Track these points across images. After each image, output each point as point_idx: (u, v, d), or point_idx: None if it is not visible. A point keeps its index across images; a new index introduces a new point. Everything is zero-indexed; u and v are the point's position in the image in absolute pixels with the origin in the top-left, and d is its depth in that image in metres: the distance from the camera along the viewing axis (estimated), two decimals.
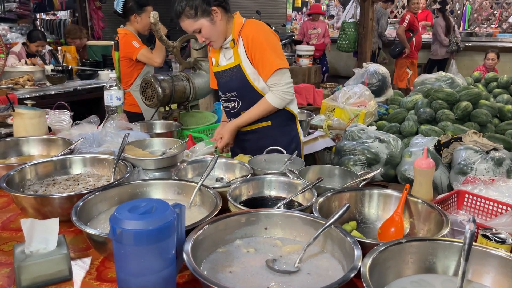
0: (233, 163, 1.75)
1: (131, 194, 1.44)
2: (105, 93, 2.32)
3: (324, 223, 1.11)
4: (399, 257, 1.04)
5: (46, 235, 1.07)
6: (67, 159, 1.74)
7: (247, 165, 1.70)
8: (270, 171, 1.64)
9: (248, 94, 2.17)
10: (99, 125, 2.27)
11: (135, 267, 0.92)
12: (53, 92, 4.12)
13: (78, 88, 4.35)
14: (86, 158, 1.75)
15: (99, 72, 4.80)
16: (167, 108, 2.98)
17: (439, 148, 3.20)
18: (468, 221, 0.98)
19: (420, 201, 1.35)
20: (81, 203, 1.29)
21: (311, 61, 6.80)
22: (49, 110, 2.46)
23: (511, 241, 1.13)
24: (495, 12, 11.24)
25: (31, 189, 1.57)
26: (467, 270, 0.97)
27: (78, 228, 1.16)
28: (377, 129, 3.67)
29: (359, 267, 0.95)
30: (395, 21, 10.06)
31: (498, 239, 1.13)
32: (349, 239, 1.06)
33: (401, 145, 3.45)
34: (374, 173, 1.59)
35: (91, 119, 2.34)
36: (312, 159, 3.58)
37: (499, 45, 7.93)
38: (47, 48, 5.40)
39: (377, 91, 4.86)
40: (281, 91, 2.11)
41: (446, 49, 7.65)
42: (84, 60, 5.38)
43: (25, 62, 4.70)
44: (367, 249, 1.02)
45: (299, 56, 6.73)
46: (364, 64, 5.28)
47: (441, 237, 1.12)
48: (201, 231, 1.10)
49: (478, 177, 1.84)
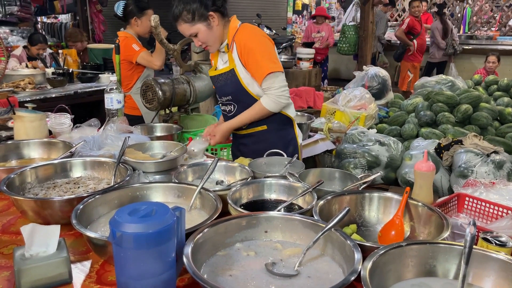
0: (233, 166, 1.75)
1: (131, 197, 1.44)
2: (106, 96, 2.32)
3: (324, 226, 1.11)
4: (399, 260, 1.04)
5: (46, 238, 1.07)
6: (68, 162, 1.74)
7: (247, 168, 1.70)
8: (270, 174, 1.64)
9: (242, 98, 2.18)
10: (99, 128, 2.27)
11: (135, 270, 0.92)
12: (53, 95, 4.12)
13: (78, 91, 4.35)
14: (86, 161, 1.75)
15: (99, 75, 4.81)
16: (168, 111, 2.98)
17: (440, 151, 3.20)
18: (468, 224, 0.98)
19: (420, 204, 1.35)
20: (81, 206, 1.29)
21: (311, 64, 6.82)
22: (49, 113, 2.47)
23: None
24: (495, 15, 11.25)
25: (31, 192, 1.57)
26: (467, 273, 0.97)
27: (78, 231, 1.16)
28: (377, 132, 3.68)
29: (360, 270, 0.95)
30: (395, 24, 10.08)
31: (498, 242, 1.13)
32: (349, 242, 1.06)
33: (401, 148, 3.45)
34: (374, 176, 1.58)
35: (91, 122, 2.34)
36: (312, 162, 3.58)
37: (499, 48, 7.94)
38: (48, 51, 5.40)
39: (378, 94, 4.87)
40: (275, 94, 2.10)
41: (443, 52, 7.66)
42: (85, 63, 5.38)
43: (26, 65, 4.71)
44: (367, 252, 1.02)
45: (300, 59, 6.74)
46: (364, 67, 5.29)
47: (442, 240, 1.11)
48: (201, 234, 1.10)
49: (478, 180, 1.85)
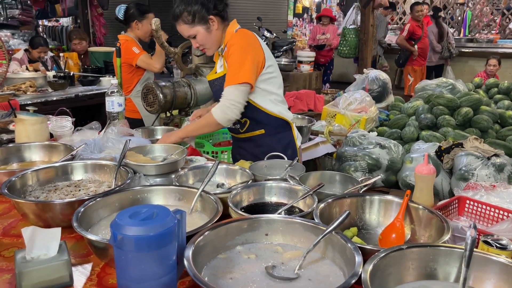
0: (234, 169, 1.75)
1: (132, 200, 1.44)
2: (107, 99, 2.32)
3: (325, 229, 1.11)
4: (400, 263, 1.04)
5: (47, 241, 1.07)
6: (69, 165, 1.74)
7: (248, 171, 1.70)
8: (271, 177, 1.64)
9: None
10: (100, 131, 2.27)
11: (136, 273, 0.92)
12: (55, 98, 4.13)
13: (79, 94, 4.36)
14: (87, 164, 1.75)
15: (100, 78, 4.81)
16: (168, 114, 2.99)
17: (440, 154, 3.21)
18: (469, 227, 0.98)
19: (421, 207, 1.35)
20: (82, 209, 1.29)
21: (312, 67, 6.83)
22: (50, 116, 2.47)
23: None
24: (496, 18, 11.27)
25: (32, 195, 1.57)
26: (468, 276, 0.97)
27: (79, 234, 1.16)
28: (378, 135, 3.68)
29: (360, 273, 0.95)
30: (396, 27, 10.09)
31: (499, 245, 1.13)
32: (350, 245, 1.06)
33: (402, 151, 3.45)
34: (375, 179, 1.58)
35: (92, 125, 2.34)
36: (313, 165, 3.58)
37: (499, 51, 7.95)
38: (49, 54, 5.41)
39: (378, 97, 4.88)
40: (224, 104, 2.03)
41: (439, 55, 7.66)
42: (86, 66, 5.39)
43: (26, 67, 4.72)
44: (368, 255, 1.02)
45: (300, 62, 6.76)
46: (365, 70, 5.30)
47: (442, 243, 1.11)
48: (202, 237, 1.10)
49: (479, 183, 1.84)
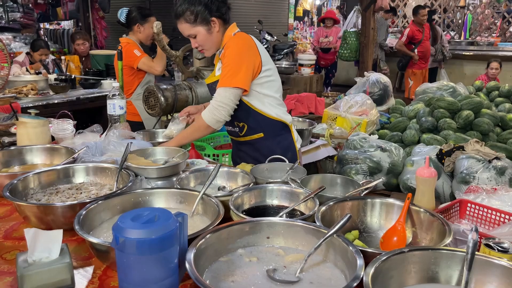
0: (235, 172, 1.75)
1: (134, 203, 1.44)
2: (108, 102, 2.33)
3: (326, 232, 1.11)
4: (401, 266, 1.04)
5: (49, 244, 1.07)
6: (70, 168, 1.74)
7: (249, 174, 1.70)
8: (272, 180, 1.64)
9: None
10: (102, 134, 2.28)
11: (137, 276, 0.92)
12: (56, 101, 4.13)
13: (81, 97, 4.36)
14: (89, 167, 1.76)
15: (102, 81, 4.82)
16: (170, 117, 2.99)
17: (441, 157, 3.20)
18: (470, 231, 0.98)
19: (422, 210, 1.35)
20: (84, 212, 1.29)
21: (312, 70, 6.84)
22: (52, 119, 2.47)
23: None
24: (496, 21, 11.28)
25: (34, 198, 1.57)
26: (470, 279, 0.97)
27: (80, 237, 1.17)
28: (379, 138, 3.67)
29: (362, 276, 0.95)
30: (396, 31, 10.09)
31: (501, 249, 1.13)
32: (351, 248, 1.06)
33: (403, 154, 3.45)
34: (376, 182, 1.58)
35: (94, 128, 2.35)
36: (314, 168, 3.58)
37: (500, 54, 7.95)
38: (50, 57, 5.43)
39: (379, 100, 4.88)
40: (213, 106, 2.05)
41: (432, 58, 7.66)
42: (87, 69, 5.40)
43: (26, 69, 4.72)
44: (369, 259, 1.02)
45: (301, 65, 6.77)
46: (365, 73, 5.30)
47: (444, 246, 1.11)
48: (204, 240, 1.10)
49: (480, 186, 1.84)
